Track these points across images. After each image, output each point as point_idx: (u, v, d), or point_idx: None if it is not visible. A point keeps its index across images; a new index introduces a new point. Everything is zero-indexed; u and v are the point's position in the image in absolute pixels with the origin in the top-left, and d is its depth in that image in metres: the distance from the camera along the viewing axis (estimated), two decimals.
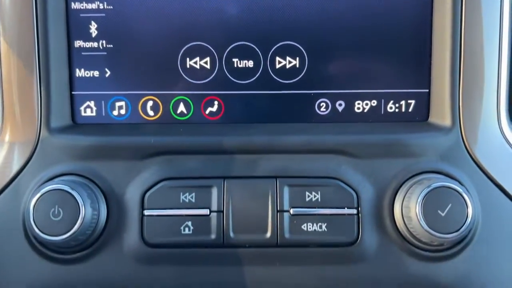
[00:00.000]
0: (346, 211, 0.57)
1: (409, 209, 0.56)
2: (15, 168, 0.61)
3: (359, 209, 0.58)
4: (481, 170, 0.59)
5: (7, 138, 0.62)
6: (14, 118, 0.62)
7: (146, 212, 0.58)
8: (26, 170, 0.61)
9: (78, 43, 0.61)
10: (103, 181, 0.59)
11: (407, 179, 0.59)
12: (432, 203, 0.55)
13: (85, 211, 0.55)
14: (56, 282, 0.59)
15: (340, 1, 0.59)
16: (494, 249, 0.58)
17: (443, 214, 0.54)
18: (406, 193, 0.58)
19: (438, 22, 0.61)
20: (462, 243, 0.58)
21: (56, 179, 0.58)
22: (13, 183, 0.61)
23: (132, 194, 0.59)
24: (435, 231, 0.54)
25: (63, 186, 0.56)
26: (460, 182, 0.58)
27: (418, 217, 0.55)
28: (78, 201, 0.56)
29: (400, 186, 0.59)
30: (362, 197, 0.58)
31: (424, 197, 0.55)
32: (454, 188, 0.55)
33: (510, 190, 0.59)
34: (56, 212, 0.55)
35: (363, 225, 0.57)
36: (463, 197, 0.55)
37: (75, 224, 0.55)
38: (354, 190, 0.58)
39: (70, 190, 0.56)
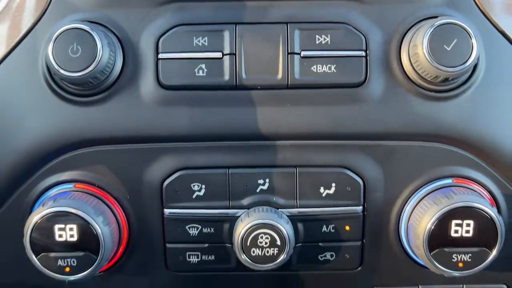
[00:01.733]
0: (355, 53, 0.57)
1: (416, 47, 0.57)
2: (32, 18, 0.61)
3: (367, 52, 0.58)
4: (485, 17, 0.59)
5: None
6: None
7: (160, 56, 0.58)
8: (43, 19, 0.61)
9: None
10: (118, 28, 0.60)
11: (414, 24, 0.59)
12: (438, 39, 0.56)
13: (102, 50, 0.56)
14: (75, 125, 0.59)
15: None
16: (497, 92, 0.58)
17: (448, 49, 0.55)
18: (414, 34, 0.59)
19: None
20: (466, 84, 0.58)
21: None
22: (31, 32, 0.61)
23: (147, 40, 0.59)
24: (441, 65, 0.55)
25: (81, 25, 0.57)
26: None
27: (425, 51, 0.55)
28: (96, 40, 0.56)
29: (408, 31, 0.59)
30: (370, 40, 0.59)
31: (431, 32, 0.56)
32: (460, 25, 0.56)
33: None
34: (75, 49, 0.56)
35: (371, 67, 0.58)
36: (468, 33, 0.56)
37: (93, 61, 0.55)
38: (363, 34, 0.58)
39: (88, 30, 0.57)
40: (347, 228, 0.59)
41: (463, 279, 0.64)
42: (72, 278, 0.56)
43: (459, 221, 0.54)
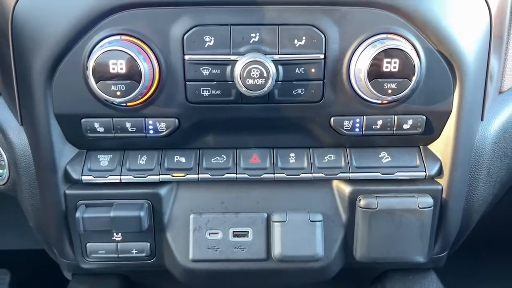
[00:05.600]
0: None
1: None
2: None
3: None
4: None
5: None
6: None
7: None
8: None
9: None
10: None
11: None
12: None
13: None
14: None
15: None
16: None
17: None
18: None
19: None
20: None
21: None
22: None
23: None
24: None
25: None
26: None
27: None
28: None
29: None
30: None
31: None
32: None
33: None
34: None
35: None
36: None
37: None
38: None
39: None
40: (313, 70, 0.73)
41: (394, 109, 0.76)
42: (123, 99, 0.71)
43: (388, 59, 0.70)
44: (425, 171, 0.79)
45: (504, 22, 0.79)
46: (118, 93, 0.70)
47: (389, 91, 0.71)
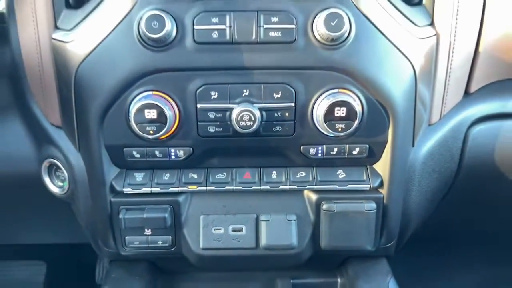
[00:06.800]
0: (290, 26, 0.84)
1: (318, 28, 0.82)
2: (127, 8, 0.83)
3: (297, 26, 0.83)
4: (357, 8, 0.84)
5: None
6: None
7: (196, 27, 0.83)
8: (134, 9, 0.83)
9: None
10: (176, 16, 0.83)
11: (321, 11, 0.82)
12: (328, 20, 0.81)
13: (170, 26, 0.82)
14: (152, 61, 0.85)
15: None
16: (360, 46, 0.86)
17: (333, 24, 0.81)
18: (317, 20, 0.82)
19: None
20: (344, 42, 0.85)
21: None
22: (127, 16, 0.84)
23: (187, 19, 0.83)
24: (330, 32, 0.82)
25: (159, 12, 0.81)
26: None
27: (323, 28, 0.82)
28: (166, 20, 0.81)
29: (317, 15, 0.82)
30: (299, 21, 0.82)
31: (324, 18, 0.81)
32: (339, 13, 0.81)
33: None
34: (155, 23, 0.81)
35: (298, 35, 0.84)
36: (343, 16, 0.82)
37: (163, 30, 0.81)
38: (295, 20, 0.83)
39: (164, 15, 0.81)
40: (287, 114, 0.87)
41: (345, 140, 0.91)
42: (154, 136, 0.86)
43: (338, 108, 0.85)
44: (370, 184, 0.95)
45: (429, 75, 0.92)
46: (151, 131, 0.86)
47: (339, 129, 0.87)
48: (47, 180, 1.00)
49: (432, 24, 0.90)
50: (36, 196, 1.03)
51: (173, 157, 0.92)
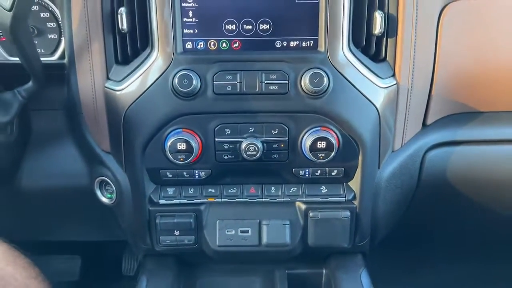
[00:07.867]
0: (283, 82, 1.00)
1: (305, 82, 0.96)
2: (164, 67, 0.98)
3: (289, 82, 0.99)
4: (334, 68, 1.00)
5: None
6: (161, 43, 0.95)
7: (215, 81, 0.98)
8: (169, 68, 0.97)
9: None
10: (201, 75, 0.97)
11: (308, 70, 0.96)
12: (312, 77, 0.97)
13: (197, 82, 0.99)
14: (182, 107, 1.02)
15: None
16: (337, 96, 1.02)
17: (315, 81, 0.97)
18: (303, 76, 0.96)
19: None
20: (324, 93, 1.00)
21: None
22: (163, 74, 0.98)
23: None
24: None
25: (188, 72, 0.97)
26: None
27: (307, 85, 0.96)
28: (193, 78, 0.97)
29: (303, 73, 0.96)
30: (291, 85, 0.97)
31: (309, 76, 0.97)
32: (320, 73, 0.96)
33: None
34: (185, 81, 0.97)
35: (290, 88, 1.00)
36: (323, 74, 0.96)
37: (192, 85, 0.98)
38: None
39: (191, 74, 0.98)
40: (282, 145, 1.02)
41: (326, 165, 1.06)
42: (183, 162, 1.01)
43: (320, 141, 0.99)
44: (345, 197, 1.11)
45: (391, 115, 1.05)
46: (181, 158, 1.02)
47: (321, 157, 1.03)
48: (98, 193, 1.15)
49: (393, 75, 1.03)
50: (77, 203, 1.18)
51: (197, 176, 1.08)
